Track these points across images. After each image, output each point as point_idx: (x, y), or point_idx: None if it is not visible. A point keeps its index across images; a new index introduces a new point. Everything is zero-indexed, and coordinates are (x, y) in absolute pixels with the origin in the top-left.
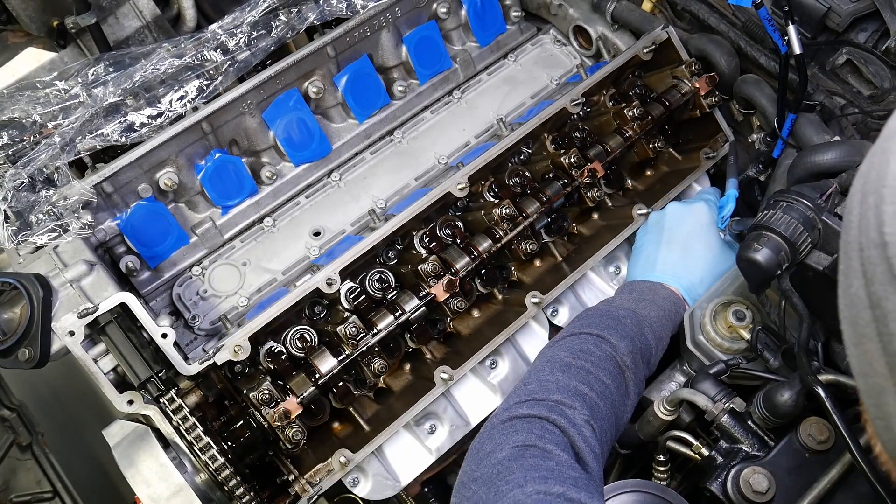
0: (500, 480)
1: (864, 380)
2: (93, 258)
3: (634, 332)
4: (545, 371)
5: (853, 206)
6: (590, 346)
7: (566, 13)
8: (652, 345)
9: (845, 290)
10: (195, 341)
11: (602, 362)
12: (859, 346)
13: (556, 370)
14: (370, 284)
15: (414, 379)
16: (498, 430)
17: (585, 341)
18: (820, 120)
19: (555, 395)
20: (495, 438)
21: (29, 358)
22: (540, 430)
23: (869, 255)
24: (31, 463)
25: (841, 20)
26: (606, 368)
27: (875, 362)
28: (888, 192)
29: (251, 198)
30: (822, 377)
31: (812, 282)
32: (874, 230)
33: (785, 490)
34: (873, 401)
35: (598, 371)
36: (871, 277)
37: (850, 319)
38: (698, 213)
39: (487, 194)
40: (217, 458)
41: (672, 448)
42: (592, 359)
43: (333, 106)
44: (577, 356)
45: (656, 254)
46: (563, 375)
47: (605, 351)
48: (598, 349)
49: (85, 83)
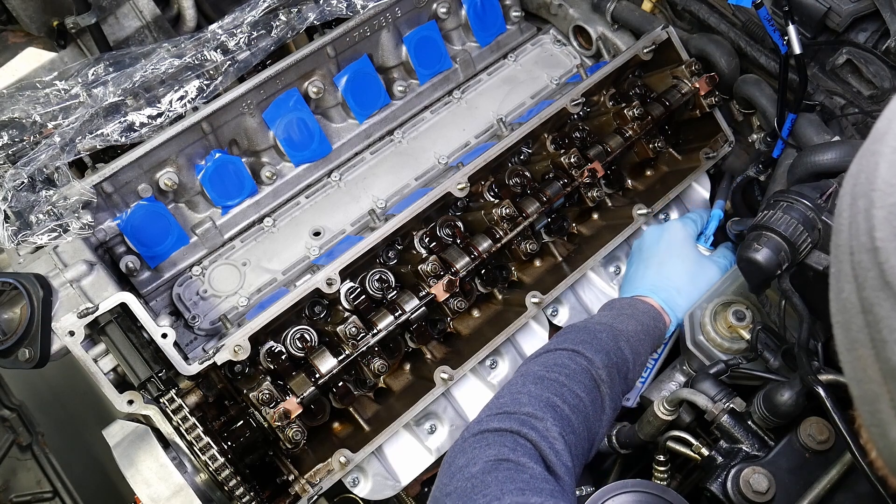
0: (476, 494)
1: (857, 386)
2: (93, 258)
3: (610, 346)
4: (518, 384)
5: (843, 209)
6: (564, 360)
7: (566, 13)
8: (629, 359)
9: (837, 294)
10: (195, 341)
11: (577, 375)
12: (852, 351)
13: (529, 383)
14: (370, 284)
15: (414, 379)
16: (470, 444)
17: (560, 356)
18: (820, 120)
19: (526, 408)
20: (468, 453)
21: (29, 358)
22: (512, 443)
23: (860, 259)
24: (31, 463)
25: (841, 20)
26: (581, 381)
27: (868, 368)
28: (878, 196)
29: (251, 198)
30: (823, 377)
31: (812, 282)
32: (865, 234)
33: (785, 490)
34: (868, 407)
35: (573, 384)
36: (862, 282)
37: (842, 324)
38: (671, 229)
39: (487, 194)
40: (217, 458)
41: (672, 448)
42: (567, 371)
43: (333, 106)
44: (551, 369)
45: (636, 273)
46: (535, 387)
47: (580, 364)
48: (573, 362)
49: (85, 83)
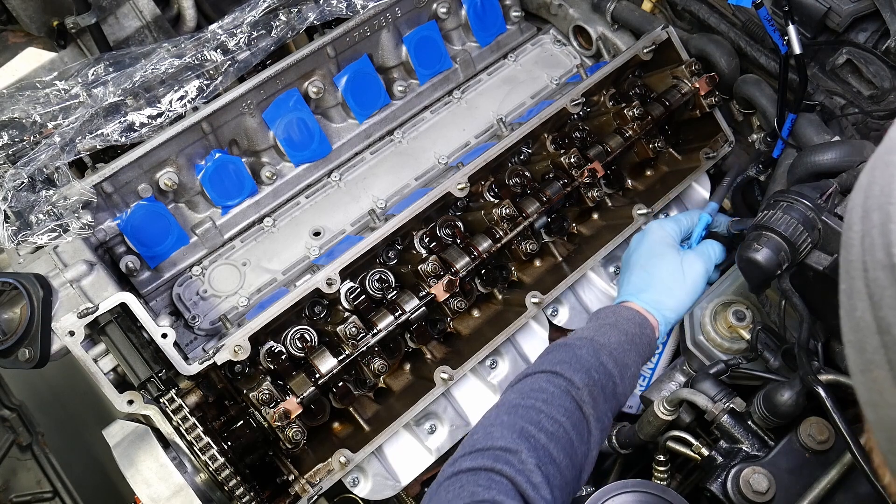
0: None
1: (874, 410)
2: (93, 258)
3: (591, 363)
4: (491, 417)
5: (854, 222)
6: (542, 384)
7: (566, 13)
8: (614, 373)
9: (849, 312)
10: (195, 341)
11: (556, 399)
12: (867, 373)
13: (503, 413)
14: (370, 284)
15: (414, 379)
16: (444, 487)
17: (538, 380)
18: (820, 120)
19: (499, 443)
20: (442, 496)
21: (29, 358)
22: (486, 481)
23: (875, 276)
24: (31, 463)
25: (841, 20)
26: (561, 405)
27: (886, 391)
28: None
29: (251, 198)
30: (823, 377)
31: (812, 282)
32: (881, 251)
33: (785, 490)
34: (886, 434)
35: (551, 409)
36: (878, 301)
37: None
38: (650, 231)
39: (487, 194)
40: (217, 458)
41: (672, 448)
42: (544, 396)
43: (333, 106)
44: (528, 396)
45: (622, 281)
46: (509, 418)
47: (560, 386)
48: (552, 385)
49: (85, 83)
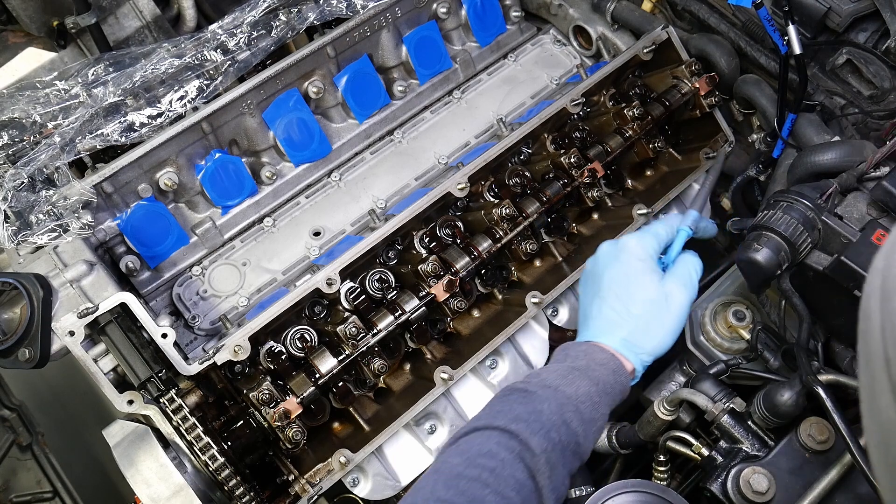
0: None
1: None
2: (93, 258)
3: (553, 422)
4: (426, 489)
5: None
6: (492, 447)
7: (566, 13)
8: (578, 432)
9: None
10: (195, 341)
11: (505, 468)
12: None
13: (441, 486)
14: (370, 284)
15: (414, 379)
16: None
17: (488, 440)
18: (820, 120)
19: None
20: None
21: (29, 358)
22: None
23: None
24: (31, 463)
25: (841, 20)
26: (511, 476)
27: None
28: None
29: (251, 198)
30: (822, 377)
31: (812, 282)
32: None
33: (785, 490)
34: None
35: (499, 483)
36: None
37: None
38: (627, 250)
39: (487, 194)
40: (217, 458)
41: (672, 448)
42: (493, 465)
43: (333, 106)
44: (473, 463)
45: (590, 307)
46: (446, 493)
47: (513, 450)
48: (504, 450)
49: (85, 83)
